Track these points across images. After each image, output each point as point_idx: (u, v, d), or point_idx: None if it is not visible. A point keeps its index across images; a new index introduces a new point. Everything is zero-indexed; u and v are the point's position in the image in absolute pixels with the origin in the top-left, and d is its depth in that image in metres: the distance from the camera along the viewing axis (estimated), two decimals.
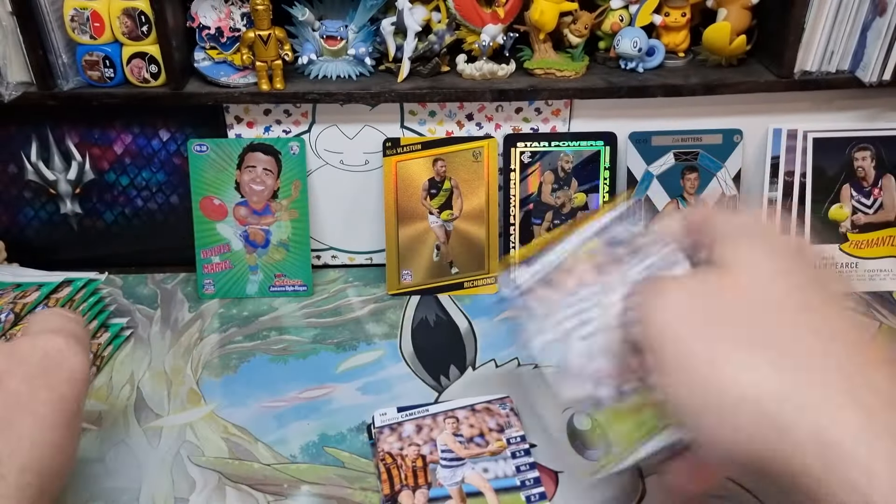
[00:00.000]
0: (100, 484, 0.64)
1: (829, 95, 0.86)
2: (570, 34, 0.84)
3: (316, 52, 0.84)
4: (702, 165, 0.87)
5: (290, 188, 0.87)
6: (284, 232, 0.88)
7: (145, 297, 0.88)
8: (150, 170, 0.89)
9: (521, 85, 0.83)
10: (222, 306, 0.87)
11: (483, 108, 0.86)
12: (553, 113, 0.86)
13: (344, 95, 0.82)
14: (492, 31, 0.82)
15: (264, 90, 0.81)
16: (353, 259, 0.94)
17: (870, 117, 0.88)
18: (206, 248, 0.88)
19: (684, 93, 0.82)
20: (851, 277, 0.87)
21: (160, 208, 0.91)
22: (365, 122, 0.86)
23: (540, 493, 0.61)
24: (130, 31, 0.79)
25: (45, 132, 0.87)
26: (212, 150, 0.86)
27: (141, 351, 0.80)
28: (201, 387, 0.75)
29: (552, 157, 0.87)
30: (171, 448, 0.68)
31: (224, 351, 0.80)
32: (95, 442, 0.69)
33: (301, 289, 0.88)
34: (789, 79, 0.82)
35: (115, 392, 0.74)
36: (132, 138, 0.88)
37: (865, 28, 0.80)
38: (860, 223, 0.87)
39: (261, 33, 0.79)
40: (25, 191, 0.90)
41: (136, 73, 0.81)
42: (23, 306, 0.73)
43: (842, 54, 0.82)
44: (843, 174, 0.87)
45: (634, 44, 0.82)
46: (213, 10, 0.82)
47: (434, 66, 0.84)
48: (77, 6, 0.77)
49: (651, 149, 0.87)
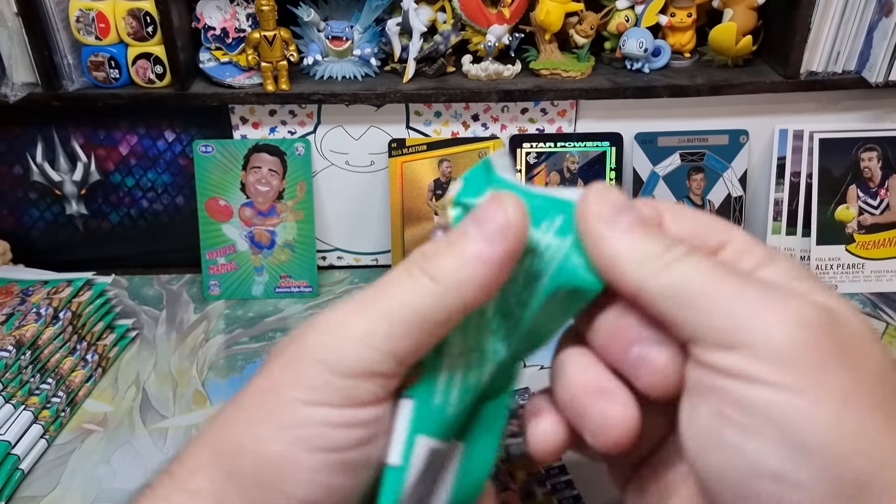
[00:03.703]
0: (105, 485, 0.64)
1: (836, 96, 0.86)
2: (576, 34, 0.84)
3: (321, 52, 0.83)
4: (708, 166, 0.87)
5: (296, 189, 0.87)
6: (290, 233, 0.88)
7: (151, 298, 0.88)
8: (155, 171, 0.89)
9: (526, 85, 0.83)
10: (228, 307, 0.87)
11: (488, 108, 0.86)
12: (559, 114, 0.86)
13: (349, 96, 0.81)
14: (497, 32, 0.82)
15: (269, 91, 0.81)
16: (358, 260, 0.93)
17: (876, 118, 0.88)
18: (211, 249, 0.87)
19: (690, 93, 0.82)
20: (857, 278, 0.87)
21: (165, 209, 0.91)
22: (370, 123, 0.86)
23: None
24: (136, 31, 0.79)
25: (50, 133, 0.87)
26: (217, 150, 0.86)
27: (146, 352, 0.80)
28: (207, 388, 0.75)
29: (558, 158, 0.87)
30: (176, 449, 0.67)
31: (230, 352, 0.79)
32: (101, 443, 0.68)
33: (307, 290, 0.88)
34: (795, 79, 0.82)
35: (121, 393, 0.74)
36: (137, 139, 0.88)
37: (872, 28, 0.80)
38: (867, 224, 0.87)
39: (266, 34, 0.79)
40: (31, 192, 0.90)
41: (142, 73, 0.81)
42: (59, 301, 0.74)
43: (848, 55, 0.82)
44: (849, 175, 0.86)
45: (640, 44, 0.82)
46: (218, 11, 0.82)
47: (439, 66, 0.84)
48: (82, 7, 0.77)
49: (657, 149, 0.86)
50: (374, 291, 0.27)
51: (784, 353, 0.24)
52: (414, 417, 0.28)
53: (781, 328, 0.24)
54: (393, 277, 0.27)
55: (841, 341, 0.24)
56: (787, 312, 0.24)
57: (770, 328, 0.24)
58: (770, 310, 0.24)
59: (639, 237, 0.27)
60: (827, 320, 0.24)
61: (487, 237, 0.27)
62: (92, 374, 0.75)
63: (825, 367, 0.24)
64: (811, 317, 0.24)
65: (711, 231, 0.29)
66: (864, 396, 0.24)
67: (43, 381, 0.70)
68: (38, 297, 0.75)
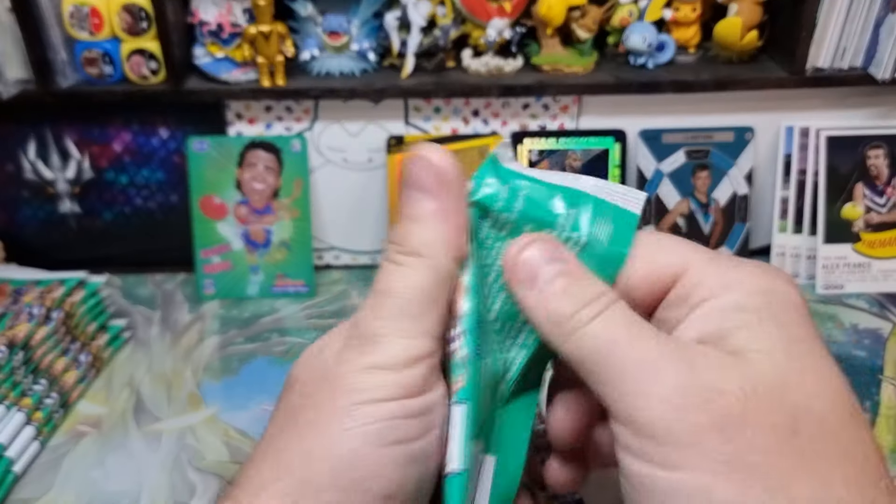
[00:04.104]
0: (99, 488, 0.63)
1: (842, 92, 0.84)
2: (579, 29, 0.83)
3: (318, 47, 0.82)
4: (713, 163, 0.86)
5: (292, 187, 0.86)
6: (286, 231, 0.86)
7: (144, 298, 0.87)
8: (149, 168, 0.88)
9: (528, 81, 0.81)
10: (223, 307, 0.85)
11: (489, 104, 0.85)
12: (561, 109, 0.85)
13: (347, 92, 0.80)
14: (498, 26, 0.81)
15: (265, 87, 0.80)
16: (356, 259, 0.92)
17: (883, 115, 0.86)
18: (206, 248, 0.86)
19: (695, 89, 0.81)
20: (864, 278, 0.86)
21: (160, 207, 0.90)
22: (368, 119, 0.85)
23: None
24: (130, 26, 0.78)
25: (43, 130, 0.86)
26: (212, 147, 0.84)
27: (140, 353, 0.78)
28: (201, 389, 0.74)
29: (560, 155, 0.85)
30: (171, 452, 0.66)
31: (225, 353, 0.78)
32: (94, 446, 0.67)
33: (303, 290, 0.87)
34: (801, 75, 0.81)
35: (115, 395, 0.73)
36: (131, 136, 0.87)
37: (878, 24, 0.79)
38: (873, 222, 0.86)
39: (262, 29, 0.78)
40: (23, 190, 0.88)
41: (136, 69, 0.80)
42: (52, 301, 0.73)
43: (854, 51, 0.81)
44: (855, 172, 0.85)
45: (644, 39, 0.81)
46: (213, 6, 0.80)
47: (439, 61, 0.83)
48: (76, 2, 0.76)
49: (661, 146, 0.85)
50: (377, 297, 0.29)
51: (661, 429, 0.24)
52: (468, 422, 0.28)
53: (660, 405, 0.24)
54: (386, 275, 0.29)
55: (727, 412, 0.24)
56: (668, 386, 0.24)
57: (650, 404, 0.24)
58: (655, 383, 0.24)
59: (557, 293, 0.27)
60: (718, 391, 0.24)
61: (432, 195, 0.29)
62: (85, 375, 0.74)
63: (701, 442, 0.24)
64: (697, 388, 0.24)
65: (670, 257, 0.28)
66: (743, 467, 0.23)
67: (36, 382, 0.69)
68: (30, 297, 0.74)
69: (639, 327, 0.26)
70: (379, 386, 0.27)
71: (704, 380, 0.24)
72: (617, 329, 0.26)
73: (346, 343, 0.29)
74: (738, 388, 0.24)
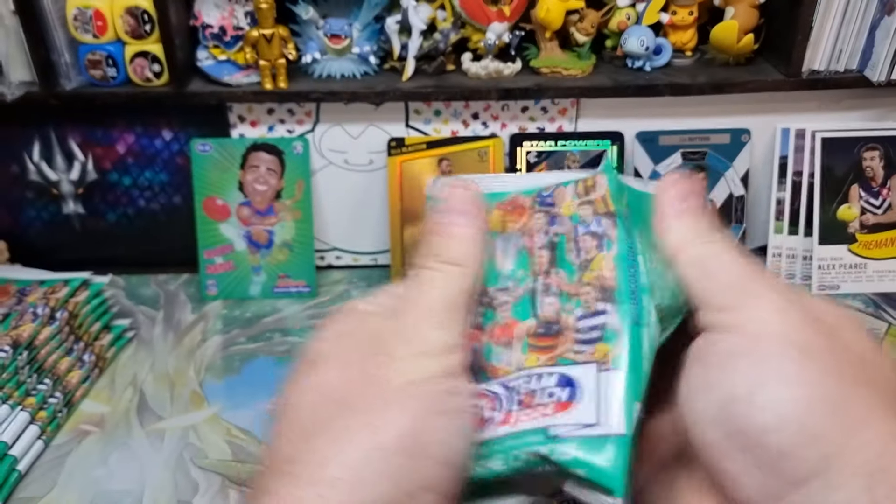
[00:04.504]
0: (102, 486, 0.64)
1: (838, 95, 0.85)
2: (577, 32, 0.83)
3: (320, 50, 0.83)
4: (710, 165, 0.86)
5: (294, 188, 0.86)
6: (288, 232, 0.87)
7: (148, 298, 0.87)
8: (152, 170, 0.89)
9: (527, 84, 0.82)
10: (225, 307, 0.86)
11: (488, 107, 0.85)
12: (559, 112, 0.86)
13: (348, 94, 0.81)
14: (497, 30, 0.81)
15: (268, 89, 0.81)
16: (357, 260, 0.93)
17: (878, 117, 0.87)
18: (208, 249, 0.87)
19: (692, 92, 0.82)
20: (860, 278, 0.87)
21: (163, 209, 0.91)
22: (369, 122, 0.86)
23: None
24: (133, 29, 0.78)
25: (47, 132, 0.87)
26: (215, 149, 0.85)
27: (143, 353, 0.79)
28: (204, 389, 0.74)
29: (558, 157, 0.86)
30: (173, 451, 0.67)
31: (227, 353, 0.79)
32: (98, 444, 0.68)
33: (305, 290, 0.88)
34: (797, 78, 0.81)
35: (118, 394, 0.74)
36: (135, 138, 0.87)
37: (874, 27, 0.79)
38: (869, 223, 0.87)
39: (264, 32, 0.79)
40: (28, 191, 0.89)
41: (139, 72, 0.80)
42: (56, 301, 0.73)
43: (850, 53, 0.81)
44: (851, 174, 0.86)
45: (641, 42, 0.81)
46: (216, 9, 0.81)
47: (439, 64, 0.83)
48: (80, 5, 0.77)
49: (658, 148, 0.86)
50: (409, 301, 0.31)
51: (763, 317, 0.28)
52: (628, 385, 0.30)
53: (770, 304, 0.28)
54: (421, 282, 0.32)
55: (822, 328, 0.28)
56: (776, 300, 0.29)
57: (760, 305, 0.28)
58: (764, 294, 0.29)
59: (688, 221, 0.32)
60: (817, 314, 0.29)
61: (466, 219, 0.33)
62: (89, 375, 0.74)
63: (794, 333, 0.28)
64: (801, 305, 0.28)
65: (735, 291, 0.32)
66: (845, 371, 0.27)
67: (40, 382, 0.69)
68: (34, 297, 0.74)
69: (744, 256, 0.31)
70: (424, 367, 0.30)
71: (806, 303, 0.29)
72: (731, 251, 0.31)
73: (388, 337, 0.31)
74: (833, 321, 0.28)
